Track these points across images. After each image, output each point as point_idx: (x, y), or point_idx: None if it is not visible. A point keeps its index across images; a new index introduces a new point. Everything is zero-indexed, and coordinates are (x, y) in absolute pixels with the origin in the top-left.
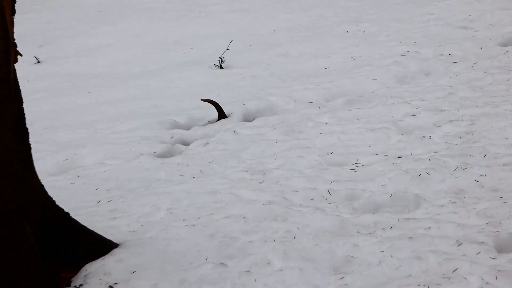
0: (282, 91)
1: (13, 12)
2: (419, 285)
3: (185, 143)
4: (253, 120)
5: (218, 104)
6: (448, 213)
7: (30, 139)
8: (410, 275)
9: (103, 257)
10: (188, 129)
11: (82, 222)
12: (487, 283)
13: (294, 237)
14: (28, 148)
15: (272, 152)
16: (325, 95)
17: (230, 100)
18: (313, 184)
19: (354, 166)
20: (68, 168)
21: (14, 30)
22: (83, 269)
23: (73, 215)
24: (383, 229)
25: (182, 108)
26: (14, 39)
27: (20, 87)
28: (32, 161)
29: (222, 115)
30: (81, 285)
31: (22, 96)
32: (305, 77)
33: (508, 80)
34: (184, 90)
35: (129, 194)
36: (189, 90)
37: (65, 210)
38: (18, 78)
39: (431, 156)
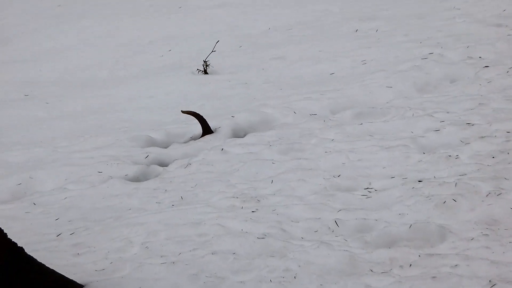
0: (279, 102)
1: None
2: None
3: (163, 164)
4: (244, 136)
5: (202, 117)
6: (479, 247)
7: None
8: None
9: None
10: (166, 147)
11: (40, 259)
12: None
13: (295, 277)
14: None
15: (268, 174)
16: (330, 106)
17: (217, 112)
18: (317, 213)
19: (366, 192)
20: (23, 194)
21: None
22: None
23: (28, 250)
24: (401, 266)
25: (159, 122)
26: None
27: None
28: None
29: (207, 130)
30: None
31: None
32: (306, 85)
33: None
34: (161, 100)
35: (95, 226)
36: (167, 100)
37: (19, 245)
38: None
39: (458, 179)
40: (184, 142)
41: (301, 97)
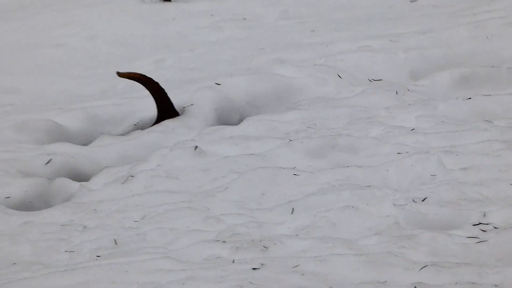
0: (310, 55)
1: None
2: None
3: (80, 177)
4: (240, 123)
5: (157, 84)
6: None
7: None
8: None
9: None
10: (86, 144)
11: None
12: None
13: None
14: None
15: (284, 197)
16: (410, 64)
17: (187, 75)
18: (380, 272)
19: (476, 230)
20: None
21: None
22: None
23: None
24: None
25: (74, 93)
26: None
27: None
28: None
29: (166, 110)
30: None
31: None
32: (362, 22)
33: None
34: (80, 51)
35: None
36: (90, 51)
37: None
38: None
39: None
40: (123, 134)
41: (352, 46)
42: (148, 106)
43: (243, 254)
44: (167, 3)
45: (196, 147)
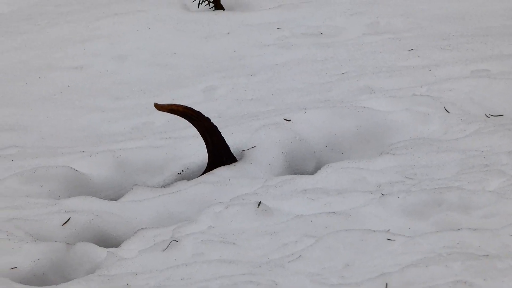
0: (406, 81)
1: None
2: None
3: (108, 241)
4: (315, 173)
5: (207, 120)
6: None
7: None
8: None
9: None
10: (115, 198)
11: None
12: None
13: None
14: None
15: (376, 268)
16: None
17: (246, 109)
18: None
19: None
20: None
21: None
22: None
23: None
24: None
25: (96, 132)
26: None
27: None
28: None
29: (220, 154)
30: None
31: None
32: (476, 38)
33: None
34: (103, 76)
35: None
36: (118, 76)
37: None
38: None
39: None
40: (163, 186)
41: (463, 71)
42: (196, 149)
43: None
44: (220, 12)
45: (260, 203)
